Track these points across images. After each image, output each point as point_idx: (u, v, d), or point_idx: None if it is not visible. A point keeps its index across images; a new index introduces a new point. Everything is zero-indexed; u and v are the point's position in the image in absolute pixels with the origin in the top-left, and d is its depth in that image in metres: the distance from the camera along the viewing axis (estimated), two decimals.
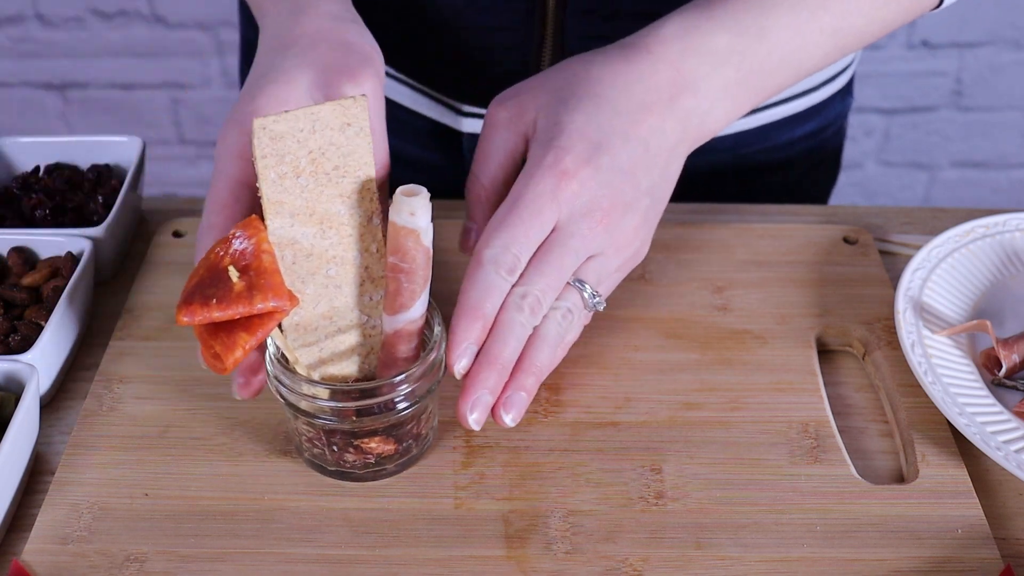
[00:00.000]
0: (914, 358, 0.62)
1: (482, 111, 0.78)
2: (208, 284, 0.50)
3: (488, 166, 0.60)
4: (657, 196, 0.59)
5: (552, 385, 0.63)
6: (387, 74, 0.79)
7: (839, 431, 0.61)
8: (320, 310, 0.55)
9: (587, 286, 0.56)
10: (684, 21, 0.59)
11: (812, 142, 0.87)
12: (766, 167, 0.86)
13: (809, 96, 0.83)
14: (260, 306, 0.49)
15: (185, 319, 0.49)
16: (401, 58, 0.78)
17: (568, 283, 0.56)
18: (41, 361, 0.60)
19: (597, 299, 0.57)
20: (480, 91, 0.77)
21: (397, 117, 0.81)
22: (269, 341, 0.54)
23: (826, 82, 0.84)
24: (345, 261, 0.55)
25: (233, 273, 0.49)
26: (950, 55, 1.61)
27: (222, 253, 0.51)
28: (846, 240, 0.74)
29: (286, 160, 0.51)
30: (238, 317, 0.49)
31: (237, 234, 0.51)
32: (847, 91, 0.88)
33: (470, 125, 0.80)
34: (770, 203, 0.79)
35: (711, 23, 0.59)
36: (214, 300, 0.49)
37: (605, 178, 0.56)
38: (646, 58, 0.58)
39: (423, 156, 0.84)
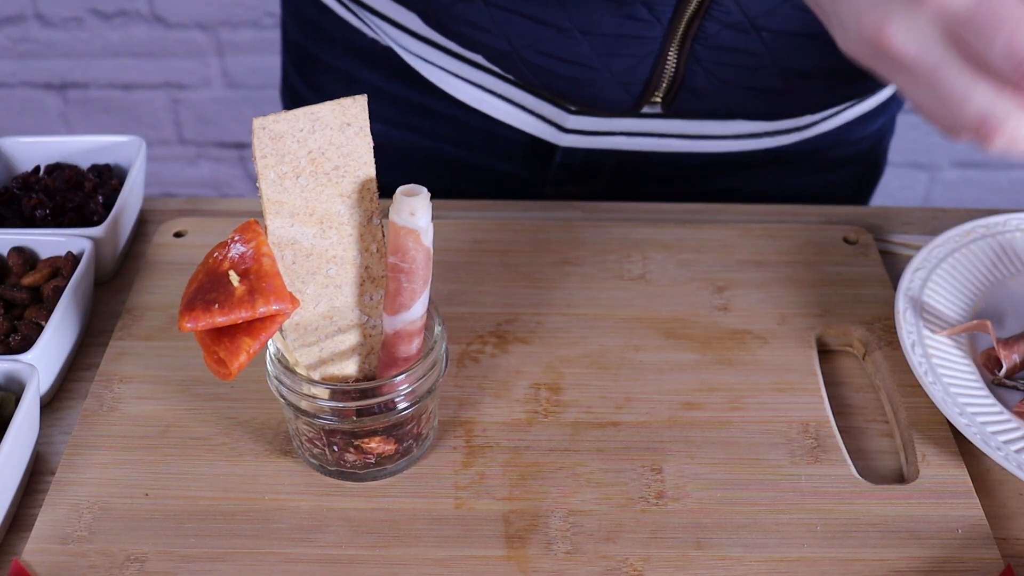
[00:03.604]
0: (914, 358, 0.62)
1: (584, 128, 0.77)
2: (209, 289, 0.49)
3: None
4: None
5: (552, 385, 0.63)
6: (487, 89, 0.77)
7: (839, 431, 0.61)
8: (320, 310, 0.55)
9: None
10: None
11: (875, 138, 0.88)
12: (842, 161, 0.87)
13: (883, 92, 0.83)
14: (262, 310, 0.49)
15: (188, 325, 0.49)
16: (517, 60, 0.73)
17: None
18: (41, 361, 0.60)
19: None
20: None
21: (494, 133, 0.80)
22: (269, 342, 0.54)
23: None
24: (345, 261, 0.55)
25: (234, 277, 0.49)
26: None
27: (220, 257, 0.51)
28: (846, 240, 0.74)
29: (286, 160, 0.51)
30: (241, 322, 0.49)
31: (235, 238, 0.51)
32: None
33: (569, 140, 0.78)
34: (810, 200, 0.79)
35: None
36: (216, 305, 0.49)
37: None
38: None
39: (510, 171, 0.83)
